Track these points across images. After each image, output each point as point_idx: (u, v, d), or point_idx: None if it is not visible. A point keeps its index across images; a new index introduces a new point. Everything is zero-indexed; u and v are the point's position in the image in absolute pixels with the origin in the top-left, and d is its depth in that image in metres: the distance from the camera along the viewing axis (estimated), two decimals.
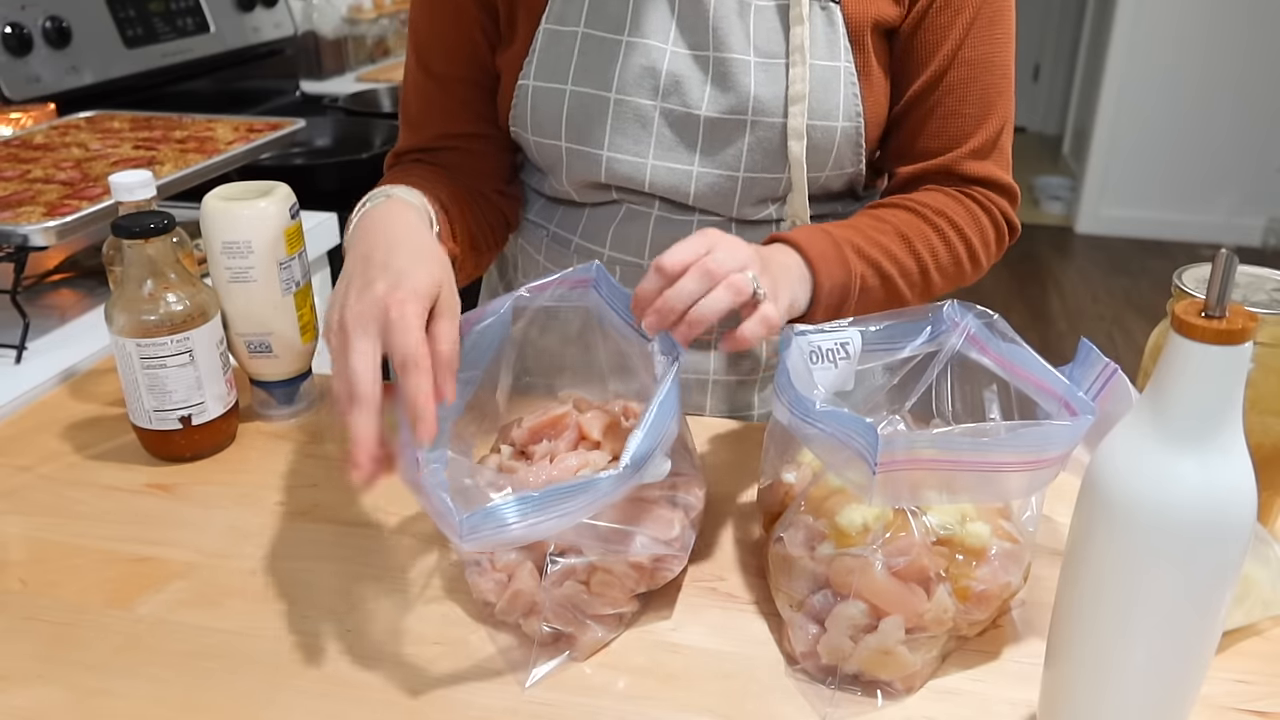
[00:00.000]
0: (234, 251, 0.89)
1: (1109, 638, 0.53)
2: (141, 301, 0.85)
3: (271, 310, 0.92)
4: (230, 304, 0.91)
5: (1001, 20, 0.88)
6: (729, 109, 0.86)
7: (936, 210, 0.90)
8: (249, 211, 0.88)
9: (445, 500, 0.58)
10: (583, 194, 0.95)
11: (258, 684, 0.65)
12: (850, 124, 0.88)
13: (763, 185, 0.90)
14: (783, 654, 0.68)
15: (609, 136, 0.88)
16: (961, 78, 0.88)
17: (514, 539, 0.60)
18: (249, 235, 0.88)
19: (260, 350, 0.93)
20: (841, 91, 0.86)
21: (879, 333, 0.75)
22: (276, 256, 0.90)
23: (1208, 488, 0.48)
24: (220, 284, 0.91)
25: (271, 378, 0.95)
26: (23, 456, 0.92)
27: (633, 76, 0.87)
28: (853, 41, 0.86)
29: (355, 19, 2.70)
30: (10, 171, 1.27)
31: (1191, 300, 0.48)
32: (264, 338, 0.93)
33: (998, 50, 0.89)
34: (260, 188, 0.91)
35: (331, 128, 2.08)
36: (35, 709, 0.63)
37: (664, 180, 0.89)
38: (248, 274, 0.90)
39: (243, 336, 0.93)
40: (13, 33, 1.61)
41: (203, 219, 0.89)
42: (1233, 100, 4.03)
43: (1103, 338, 3.41)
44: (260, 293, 0.91)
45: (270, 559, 0.77)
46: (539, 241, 1.00)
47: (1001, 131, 0.91)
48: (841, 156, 0.89)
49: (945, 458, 0.60)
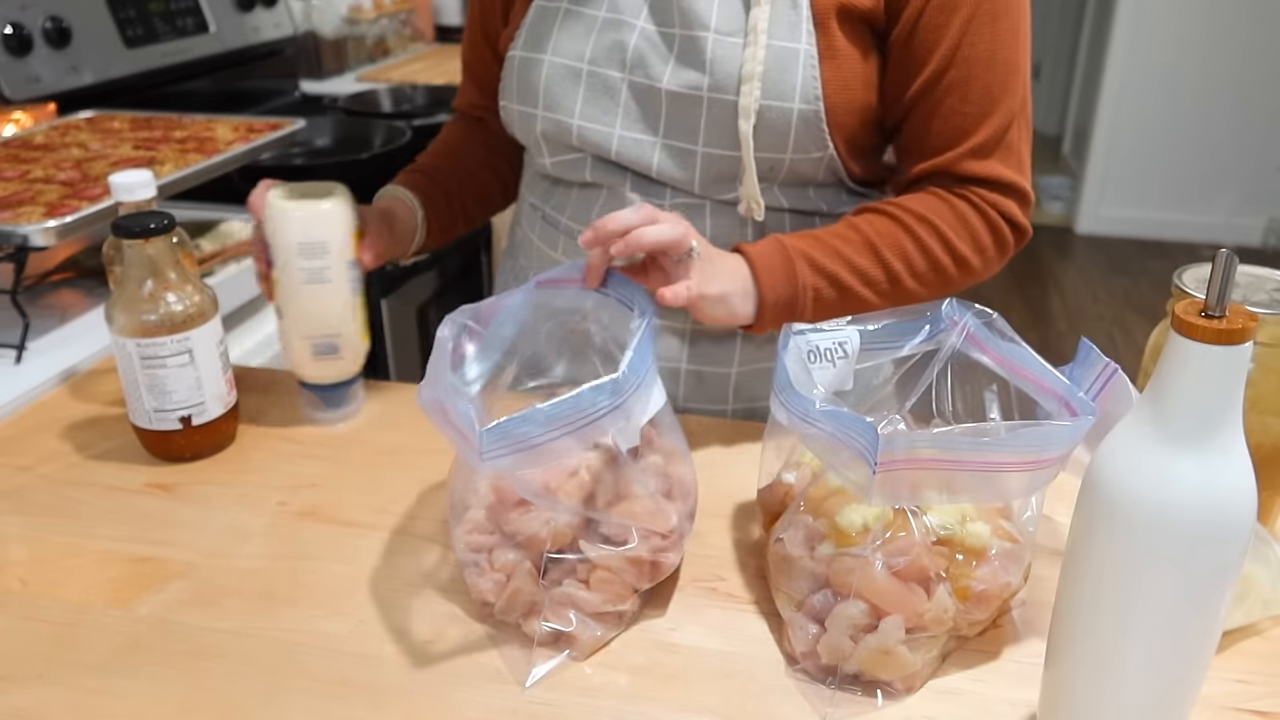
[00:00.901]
0: (311, 252, 0.87)
1: (1109, 638, 0.53)
2: (142, 301, 0.85)
3: (342, 310, 0.91)
4: (301, 306, 0.90)
5: (1006, 16, 0.87)
6: (688, 85, 0.88)
7: (918, 216, 0.90)
8: (325, 210, 0.87)
9: (468, 414, 0.60)
10: (561, 169, 0.97)
11: (258, 684, 0.65)
12: (808, 106, 0.87)
13: (720, 162, 0.91)
14: (783, 654, 0.68)
15: (580, 105, 0.92)
16: (962, 76, 0.88)
17: (531, 459, 0.62)
18: (325, 235, 0.87)
19: (327, 352, 0.92)
20: (800, 74, 0.87)
21: (878, 332, 0.75)
22: (347, 256, 0.89)
23: (1208, 488, 0.48)
24: (292, 286, 0.89)
25: (332, 380, 0.94)
26: (23, 456, 0.92)
27: (604, 49, 0.91)
28: (817, 25, 0.86)
29: (355, 19, 2.69)
30: (10, 171, 1.27)
31: (1191, 300, 0.48)
32: (333, 339, 0.92)
33: (1001, 47, 0.88)
34: (322, 187, 0.90)
35: (331, 128, 2.07)
36: (35, 709, 0.63)
37: (629, 151, 0.92)
38: (323, 274, 0.88)
39: (310, 339, 0.91)
40: (13, 33, 1.61)
41: (273, 220, 0.87)
42: (1232, 99, 4.03)
43: (1103, 338, 3.41)
44: (333, 293, 0.90)
45: (270, 559, 0.77)
46: (535, 223, 1.04)
47: (1008, 129, 0.90)
48: (801, 139, 0.89)
49: (945, 457, 0.60)
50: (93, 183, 1.21)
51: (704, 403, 1.00)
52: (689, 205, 0.94)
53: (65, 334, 1.15)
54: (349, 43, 2.69)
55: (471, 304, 0.75)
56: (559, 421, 0.62)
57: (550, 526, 0.67)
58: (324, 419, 0.96)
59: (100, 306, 1.04)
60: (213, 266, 1.33)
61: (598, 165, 0.95)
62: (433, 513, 0.83)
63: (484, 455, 0.61)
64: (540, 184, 1.03)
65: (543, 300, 0.79)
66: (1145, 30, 4.00)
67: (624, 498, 0.69)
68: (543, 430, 0.62)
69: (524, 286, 0.78)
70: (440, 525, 0.81)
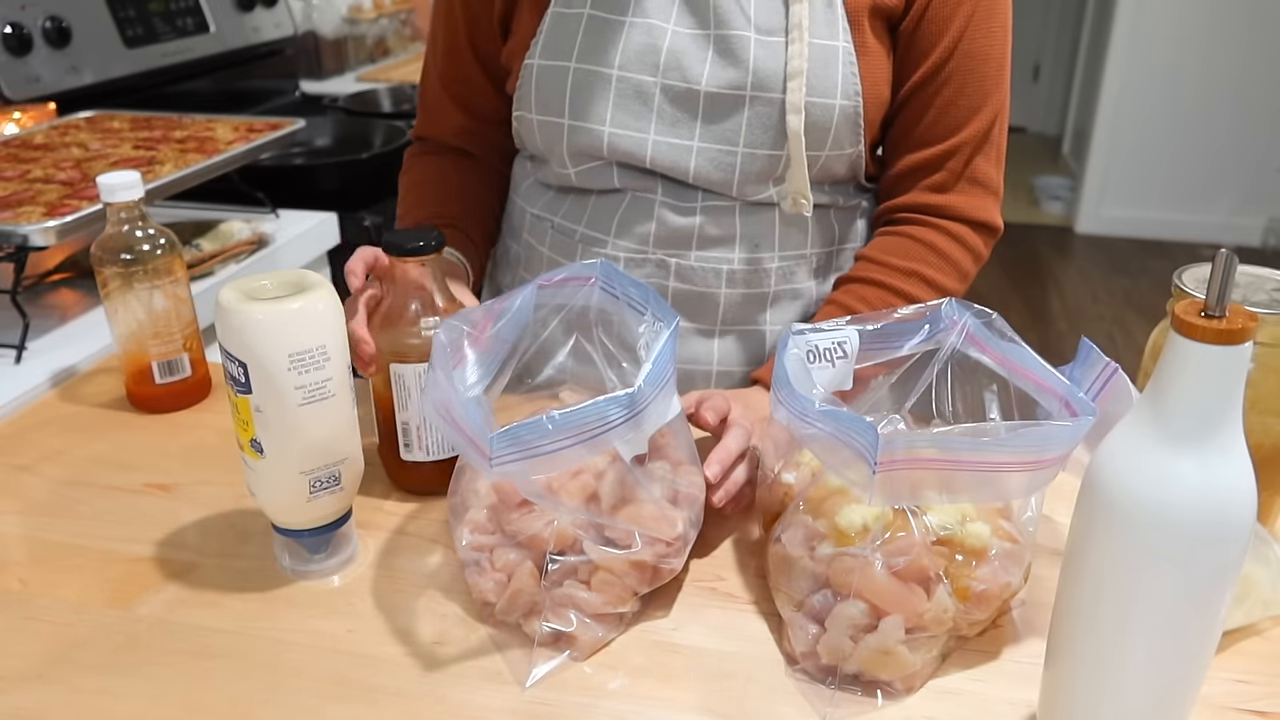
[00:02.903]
0: (308, 363, 0.67)
1: (1109, 638, 0.53)
2: (408, 324, 0.79)
3: (347, 429, 0.72)
4: (301, 435, 0.69)
5: (997, 13, 0.91)
6: (729, 84, 0.88)
7: (905, 272, 0.94)
8: (315, 305, 0.67)
9: (476, 419, 0.60)
10: (585, 178, 0.96)
11: (258, 684, 0.65)
12: (849, 102, 0.89)
13: (761, 162, 0.91)
14: (783, 654, 0.68)
15: (610, 113, 0.91)
16: (959, 69, 0.90)
17: (539, 465, 0.61)
18: (324, 338, 0.67)
19: (326, 486, 0.72)
20: (840, 70, 0.88)
21: (877, 332, 0.75)
22: (346, 359, 0.71)
23: (1208, 488, 0.48)
24: (284, 412, 0.67)
25: (326, 520, 0.74)
26: (23, 456, 0.91)
27: (634, 54, 0.89)
28: (851, 22, 0.88)
29: (355, 19, 2.69)
30: (10, 171, 1.27)
31: (1191, 300, 0.48)
32: (335, 468, 0.72)
33: (994, 43, 0.91)
34: (282, 279, 0.70)
35: (331, 128, 2.08)
36: (35, 709, 0.63)
37: (665, 156, 0.91)
38: (326, 389, 0.68)
39: (310, 474, 0.70)
40: (13, 33, 1.61)
41: (239, 333, 0.66)
42: (1233, 100, 4.02)
43: (1103, 338, 3.41)
44: (338, 410, 0.70)
45: (270, 559, 0.77)
46: (543, 234, 1.02)
47: (994, 123, 0.93)
48: (840, 135, 0.91)
49: (945, 457, 0.60)
50: (93, 183, 1.21)
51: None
52: (720, 207, 0.94)
53: (65, 334, 1.14)
54: (349, 43, 2.69)
55: (469, 308, 0.74)
56: (570, 430, 0.61)
57: (552, 527, 0.67)
58: (314, 570, 0.75)
59: (100, 307, 1.04)
60: (212, 267, 1.33)
61: (625, 172, 0.94)
62: (433, 513, 0.83)
63: (493, 461, 0.60)
64: (544, 193, 1.02)
65: (544, 300, 0.78)
66: (1145, 30, 4.00)
67: (630, 501, 0.69)
68: (553, 438, 0.61)
69: (525, 288, 0.78)
70: (441, 525, 0.81)
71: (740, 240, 0.95)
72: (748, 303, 0.97)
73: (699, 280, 0.96)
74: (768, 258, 0.96)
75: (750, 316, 0.98)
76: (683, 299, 0.96)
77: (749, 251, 0.95)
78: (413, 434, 0.81)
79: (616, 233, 0.96)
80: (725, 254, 0.95)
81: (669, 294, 0.96)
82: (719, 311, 0.97)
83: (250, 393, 0.67)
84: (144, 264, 0.95)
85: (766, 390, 0.87)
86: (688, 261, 0.95)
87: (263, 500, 0.73)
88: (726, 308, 0.97)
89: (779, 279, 0.97)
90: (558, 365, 0.80)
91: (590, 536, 0.68)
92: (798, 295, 0.99)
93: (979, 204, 0.95)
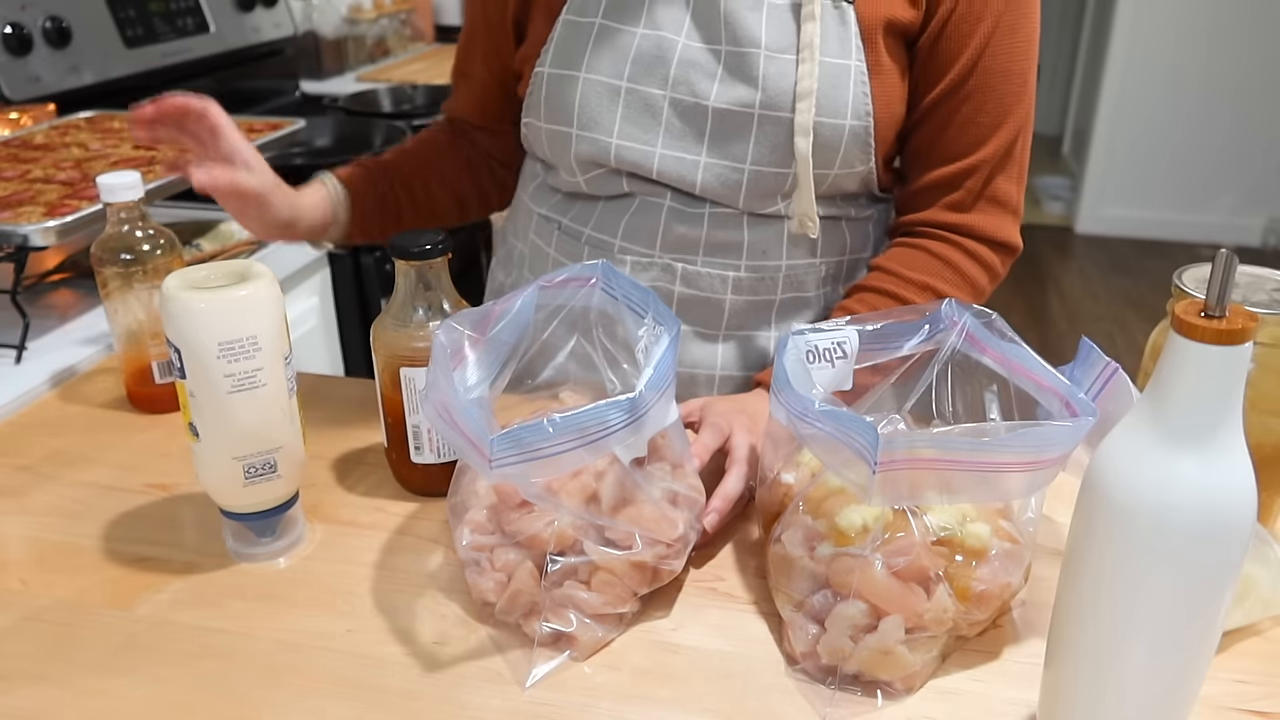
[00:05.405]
0: (238, 352, 0.69)
1: (1109, 638, 0.53)
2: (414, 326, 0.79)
3: (280, 418, 0.73)
4: (232, 421, 0.71)
5: (1022, 28, 0.89)
6: (738, 101, 0.88)
7: (920, 285, 0.92)
8: (248, 296, 0.70)
9: (478, 420, 0.60)
10: (594, 185, 0.96)
11: (258, 684, 0.65)
12: (859, 123, 0.88)
13: (769, 180, 0.90)
14: (783, 654, 0.68)
15: (618, 124, 0.90)
16: (979, 85, 0.89)
17: (539, 468, 0.62)
18: (255, 329, 0.70)
19: (262, 473, 0.74)
20: (851, 90, 0.87)
21: (877, 332, 0.75)
22: (282, 350, 0.72)
23: (1208, 488, 0.48)
24: (215, 399, 0.70)
25: (269, 505, 0.76)
26: (23, 456, 0.91)
27: (644, 66, 0.89)
28: (865, 40, 0.87)
29: (355, 19, 2.69)
30: (10, 171, 1.27)
31: (1191, 300, 0.48)
32: (270, 455, 0.74)
33: (1016, 59, 0.89)
34: (228, 269, 0.72)
35: (331, 128, 2.08)
36: (35, 709, 0.63)
37: (671, 169, 0.91)
38: (256, 378, 0.71)
39: (242, 461, 0.73)
40: (13, 33, 1.61)
41: (176, 319, 0.69)
42: (1233, 100, 4.02)
43: (1103, 338, 3.41)
44: (270, 399, 0.72)
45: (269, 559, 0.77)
46: (549, 235, 1.02)
47: (1015, 140, 0.92)
48: (850, 155, 0.90)
49: (945, 458, 0.60)
50: (92, 183, 1.21)
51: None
52: (727, 217, 0.93)
53: (65, 334, 1.14)
54: (349, 43, 2.69)
55: (468, 310, 0.74)
56: (570, 433, 0.61)
57: (553, 528, 0.67)
58: (258, 554, 0.77)
59: (99, 307, 1.04)
60: None
61: (634, 181, 0.94)
62: (433, 513, 0.83)
63: (493, 463, 0.60)
64: (552, 196, 1.02)
65: (545, 301, 0.78)
66: (1145, 30, 4.00)
67: (630, 503, 0.69)
68: (553, 441, 0.61)
69: (526, 289, 0.77)
70: (441, 525, 0.81)
71: (748, 248, 0.94)
72: (753, 309, 0.97)
73: (705, 286, 0.95)
74: (775, 266, 0.95)
75: (755, 323, 0.98)
76: (688, 304, 0.96)
77: (756, 259, 0.95)
78: (424, 436, 0.82)
79: (624, 236, 0.96)
80: (732, 261, 0.94)
81: (674, 298, 0.96)
82: (724, 317, 0.97)
83: (185, 378, 0.71)
84: (144, 264, 0.95)
85: (768, 393, 0.87)
86: (694, 267, 0.95)
87: (202, 482, 0.76)
88: (731, 314, 0.97)
89: (786, 287, 0.96)
90: (558, 366, 0.80)
91: (590, 537, 0.68)
92: (806, 304, 0.98)
93: (998, 223, 0.94)
